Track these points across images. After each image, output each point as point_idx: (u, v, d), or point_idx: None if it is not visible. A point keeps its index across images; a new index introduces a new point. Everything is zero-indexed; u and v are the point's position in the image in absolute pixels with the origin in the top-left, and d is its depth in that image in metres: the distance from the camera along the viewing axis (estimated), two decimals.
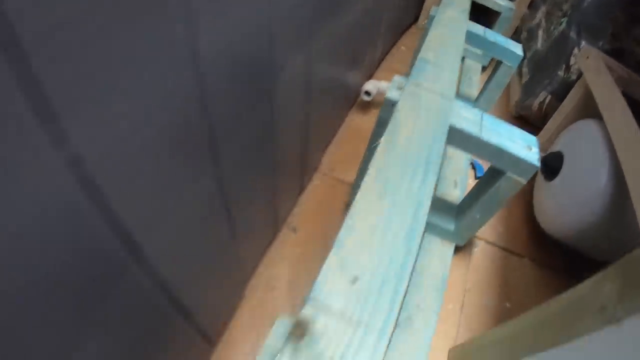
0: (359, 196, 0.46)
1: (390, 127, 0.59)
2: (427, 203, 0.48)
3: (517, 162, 0.73)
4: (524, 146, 0.74)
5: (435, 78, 0.76)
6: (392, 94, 0.71)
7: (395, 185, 0.48)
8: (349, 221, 0.43)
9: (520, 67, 1.50)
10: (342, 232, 0.42)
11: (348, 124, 1.19)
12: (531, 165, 0.72)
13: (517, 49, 1.12)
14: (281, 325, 0.39)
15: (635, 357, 0.49)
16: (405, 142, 0.56)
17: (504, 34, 1.23)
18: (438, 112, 0.67)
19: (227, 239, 0.62)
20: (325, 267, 0.39)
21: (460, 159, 1.13)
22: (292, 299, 0.81)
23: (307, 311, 0.36)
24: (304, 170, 0.94)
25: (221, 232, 0.59)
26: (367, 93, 1.16)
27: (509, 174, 0.75)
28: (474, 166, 1.22)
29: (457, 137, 0.71)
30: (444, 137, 0.63)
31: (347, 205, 0.99)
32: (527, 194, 1.20)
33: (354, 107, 1.26)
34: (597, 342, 0.54)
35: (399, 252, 0.42)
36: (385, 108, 0.72)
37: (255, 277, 0.82)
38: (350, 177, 1.01)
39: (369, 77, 1.32)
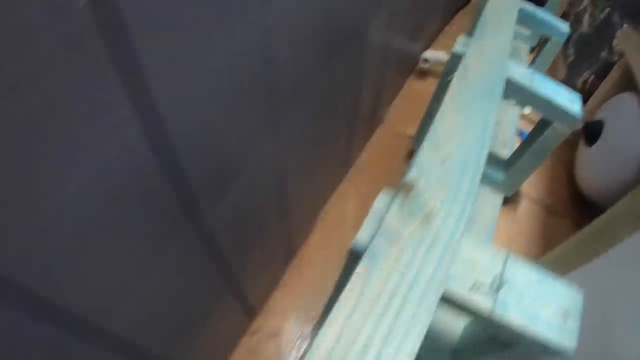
0: (443, 105, 0.58)
1: (460, 68, 0.71)
2: (493, 115, 0.60)
3: (562, 113, 0.84)
4: (568, 100, 0.85)
5: (495, 39, 0.87)
6: (458, 48, 0.84)
7: (469, 101, 0.61)
8: (438, 118, 0.55)
9: (565, 48, 1.59)
10: (435, 124, 0.54)
11: (407, 88, 1.32)
12: (574, 116, 0.83)
13: (565, 26, 1.22)
14: (384, 197, 0.51)
15: None
16: (473, 77, 0.68)
17: None
18: (498, 64, 0.79)
19: (315, 159, 0.76)
20: (423, 145, 0.52)
21: (509, 126, 1.24)
22: (358, 229, 0.94)
23: (412, 174, 0.49)
24: (374, 121, 1.07)
25: (310, 153, 0.73)
26: (426, 60, 1.28)
27: (555, 124, 0.87)
28: (521, 135, 1.33)
29: (512, 89, 0.83)
30: (503, 83, 0.75)
31: (411, 153, 1.11)
32: (569, 161, 1.30)
33: (412, 74, 1.38)
34: (629, 248, 0.65)
35: (476, 143, 0.54)
36: (452, 60, 0.84)
37: (327, 206, 0.96)
38: (410, 131, 1.13)
39: (426, 48, 1.44)
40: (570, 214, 1.20)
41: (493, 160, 1.06)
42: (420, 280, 0.41)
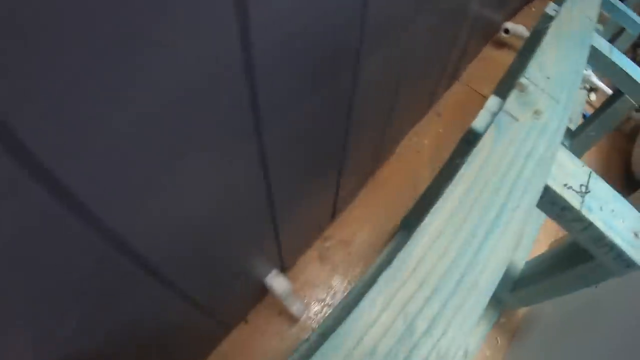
0: (544, 42, 0.69)
1: (555, 22, 0.80)
2: (584, 61, 0.70)
3: (635, 86, 0.92)
4: None
5: (583, 9, 0.95)
6: (550, 11, 0.93)
7: (564, 44, 0.71)
8: (541, 49, 0.66)
9: (635, 50, 1.67)
10: (538, 52, 0.65)
11: (484, 55, 1.43)
12: None
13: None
14: (495, 98, 0.61)
15: None
16: (566, 32, 0.78)
17: None
18: (586, 27, 0.88)
19: (414, 88, 0.87)
20: (530, 65, 0.62)
21: (576, 106, 1.34)
22: (432, 162, 1.05)
23: (524, 80, 0.59)
24: (454, 76, 1.18)
25: (413, 81, 0.84)
26: (506, 30, 1.37)
27: (626, 95, 0.95)
28: (584, 116, 1.41)
29: (594, 55, 0.92)
30: (589, 44, 0.84)
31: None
32: (626, 150, 1.38)
33: (491, 42, 1.49)
34: None
35: (572, 72, 0.65)
36: (543, 20, 0.93)
37: (405, 138, 1.07)
38: (484, 90, 1.23)
39: (506, 21, 1.53)
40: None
41: None
42: (535, 153, 0.51)
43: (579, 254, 0.65)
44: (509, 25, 1.38)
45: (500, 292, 0.90)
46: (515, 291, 0.86)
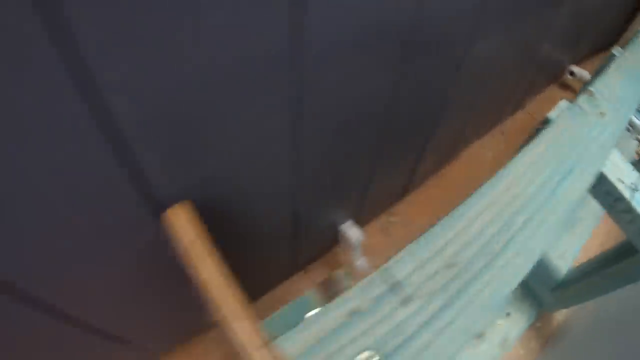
0: (610, 69, 0.81)
1: (618, 59, 0.93)
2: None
3: None
4: None
5: None
6: (616, 52, 1.06)
7: (624, 77, 0.83)
8: (607, 74, 0.78)
9: None
10: (604, 75, 0.77)
11: (548, 93, 1.58)
12: None
13: None
14: (564, 102, 0.74)
15: None
16: (629, 67, 0.90)
17: None
18: None
19: (488, 95, 1.01)
20: (598, 80, 0.75)
21: (627, 155, 1.43)
22: (494, 172, 1.17)
23: (592, 89, 0.72)
24: (519, 105, 1.33)
25: (488, 92, 0.98)
26: (572, 73, 1.51)
27: None
28: None
29: None
30: None
31: None
32: None
33: (556, 83, 1.63)
34: None
35: (631, 96, 0.77)
36: (608, 58, 1.06)
37: (470, 149, 1.23)
38: None
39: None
40: None
41: None
42: (599, 139, 0.64)
43: (624, 251, 0.76)
44: (574, 68, 1.51)
45: (541, 292, 0.99)
46: (556, 291, 0.96)
